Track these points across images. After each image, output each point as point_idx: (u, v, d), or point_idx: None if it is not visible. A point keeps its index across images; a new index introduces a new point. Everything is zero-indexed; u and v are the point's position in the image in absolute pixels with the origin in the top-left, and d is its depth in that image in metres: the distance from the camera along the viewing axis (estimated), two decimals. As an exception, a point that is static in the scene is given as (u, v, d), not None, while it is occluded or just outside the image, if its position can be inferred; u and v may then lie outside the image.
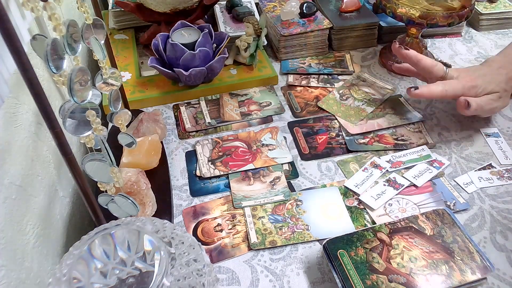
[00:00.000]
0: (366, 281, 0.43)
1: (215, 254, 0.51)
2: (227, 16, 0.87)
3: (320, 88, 0.75)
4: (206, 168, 0.61)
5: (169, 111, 0.72)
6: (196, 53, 0.68)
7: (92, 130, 0.41)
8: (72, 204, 0.57)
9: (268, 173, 0.60)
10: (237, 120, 0.69)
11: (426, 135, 0.65)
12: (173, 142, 0.66)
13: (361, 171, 0.59)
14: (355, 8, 0.84)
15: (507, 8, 0.87)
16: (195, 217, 0.55)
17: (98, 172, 0.44)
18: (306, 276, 0.48)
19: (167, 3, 0.76)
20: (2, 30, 0.28)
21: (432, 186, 0.57)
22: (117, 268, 0.34)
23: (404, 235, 0.48)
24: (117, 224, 0.37)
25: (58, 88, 0.58)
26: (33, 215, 0.45)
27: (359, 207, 0.55)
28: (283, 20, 0.81)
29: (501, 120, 0.67)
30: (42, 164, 0.50)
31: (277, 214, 0.55)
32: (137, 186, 0.52)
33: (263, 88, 0.75)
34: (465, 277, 0.44)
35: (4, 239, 0.39)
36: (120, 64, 0.77)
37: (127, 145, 0.51)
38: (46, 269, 0.46)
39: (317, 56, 0.82)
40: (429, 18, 0.68)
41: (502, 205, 0.55)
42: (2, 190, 0.40)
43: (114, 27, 0.87)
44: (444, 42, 0.85)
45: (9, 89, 0.43)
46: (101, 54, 0.45)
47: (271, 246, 0.51)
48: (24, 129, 0.46)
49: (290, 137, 0.66)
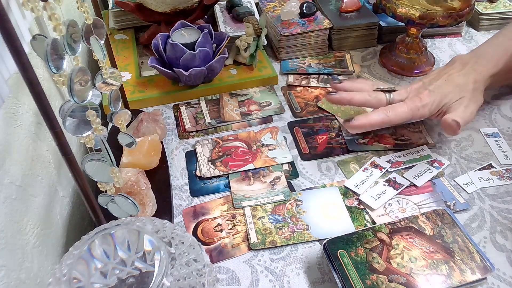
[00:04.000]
0: (366, 281, 0.43)
1: (215, 254, 0.51)
2: (227, 16, 0.87)
3: (320, 88, 0.75)
4: (206, 168, 0.61)
5: (169, 111, 0.72)
6: (196, 53, 0.68)
7: (92, 130, 0.41)
8: (72, 204, 0.57)
9: (268, 173, 0.60)
10: (237, 120, 0.69)
11: (426, 135, 0.65)
12: (173, 142, 0.66)
13: (361, 171, 0.59)
14: (355, 8, 0.84)
15: (507, 8, 0.87)
16: (195, 217, 0.55)
17: (98, 172, 0.44)
18: (306, 276, 0.48)
19: (167, 3, 0.76)
20: (2, 30, 0.28)
21: (432, 186, 0.57)
22: (117, 268, 0.34)
23: (404, 235, 0.48)
24: (117, 224, 0.37)
25: (58, 88, 0.58)
26: (33, 215, 0.45)
27: (359, 207, 0.55)
28: (283, 20, 0.81)
29: (501, 120, 0.67)
30: (42, 164, 0.50)
31: (277, 214, 0.55)
32: (137, 186, 0.52)
33: (263, 88, 0.75)
34: (465, 277, 0.44)
35: (4, 239, 0.39)
36: (120, 64, 0.77)
37: (127, 145, 0.51)
38: (46, 269, 0.46)
39: (317, 56, 0.82)
40: (429, 18, 0.68)
41: (502, 205, 0.55)
42: (2, 190, 0.40)
43: (114, 27, 0.87)
44: (444, 42, 0.86)
45: (9, 89, 0.43)
46: (101, 54, 0.45)
47: (271, 246, 0.51)
48: (24, 129, 0.46)
49: (290, 137, 0.66)
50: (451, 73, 0.61)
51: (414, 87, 0.61)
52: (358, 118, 0.57)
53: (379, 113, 0.57)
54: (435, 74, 0.62)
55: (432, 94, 0.59)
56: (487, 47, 0.65)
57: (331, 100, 0.60)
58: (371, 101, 0.59)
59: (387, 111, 0.58)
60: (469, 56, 0.64)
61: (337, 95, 0.60)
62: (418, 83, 0.61)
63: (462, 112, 0.57)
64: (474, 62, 0.62)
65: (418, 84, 0.61)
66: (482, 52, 0.64)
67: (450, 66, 0.63)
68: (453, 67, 0.62)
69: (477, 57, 0.63)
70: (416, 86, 0.61)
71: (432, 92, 0.59)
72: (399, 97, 0.60)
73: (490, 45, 0.65)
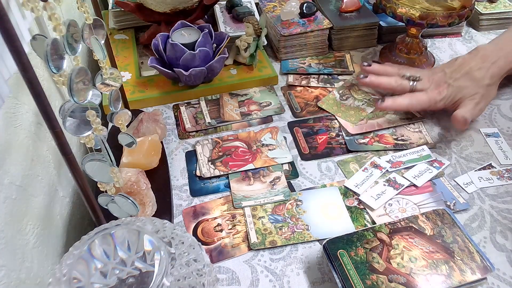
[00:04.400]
0: (366, 281, 0.43)
1: (215, 254, 0.51)
2: (227, 16, 0.87)
3: (320, 88, 0.75)
4: (206, 168, 0.61)
5: (169, 111, 0.72)
6: (196, 53, 0.68)
7: (92, 130, 0.41)
8: (72, 204, 0.57)
9: (268, 173, 0.60)
10: (237, 120, 0.69)
11: (426, 135, 0.65)
12: (173, 142, 0.66)
13: (361, 171, 0.59)
14: (355, 8, 0.84)
15: (507, 8, 0.87)
16: (195, 217, 0.55)
17: (98, 172, 0.44)
18: (306, 276, 0.48)
19: (167, 3, 0.76)
20: (2, 30, 0.28)
21: (432, 186, 0.57)
22: (117, 268, 0.34)
23: (404, 235, 0.48)
24: (117, 224, 0.37)
25: (58, 88, 0.58)
26: (33, 215, 0.45)
27: (359, 207, 0.55)
28: (283, 20, 0.81)
29: (501, 120, 0.67)
30: (42, 164, 0.50)
31: (277, 214, 0.55)
32: (137, 186, 0.52)
33: (263, 88, 0.75)
34: (465, 277, 0.44)
35: (4, 239, 0.39)
36: (120, 64, 0.77)
37: (127, 145, 0.51)
38: (46, 269, 0.46)
39: (317, 56, 0.82)
40: (429, 18, 0.68)
41: (502, 205, 0.55)
42: (2, 190, 0.40)
43: (114, 27, 0.87)
44: (444, 42, 0.86)
45: (9, 89, 0.43)
46: (101, 54, 0.45)
47: (271, 246, 0.51)
48: (24, 129, 0.46)
49: (290, 137, 0.66)
50: (471, 66, 0.64)
51: (436, 78, 0.65)
52: (387, 100, 0.64)
53: (405, 98, 0.64)
54: (457, 66, 0.65)
55: (450, 88, 0.64)
56: (508, 39, 0.67)
57: (362, 83, 0.68)
58: (397, 88, 0.66)
59: (411, 98, 0.64)
60: (491, 48, 0.66)
61: (367, 79, 0.67)
62: (440, 74, 0.66)
63: (472, 108, 0.63)
64: (495, 56, 0.64)
65: (439, 75, 0.66)
66: (504, 45, 0.66)
67: (472, 58, 0.65)
68: (474, 59, 0.65)
69: (498, 50, 0.65)
70: (437, 78, 0.65)
71: (450, 86, 0.64)
72: (421, 86, 0.65)
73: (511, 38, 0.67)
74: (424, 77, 0.66)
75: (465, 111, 0.62)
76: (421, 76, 0.66)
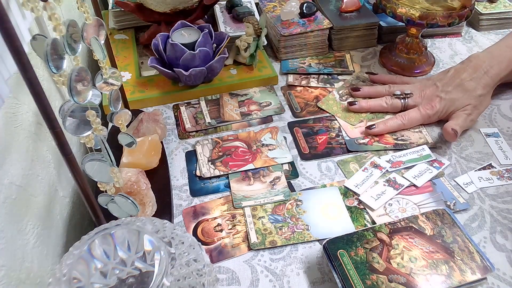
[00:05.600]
0: (366, 281, 0.43)
1: (215, 254, 0.51)
2: (227, 16, 0.87)
3: (320, 88, 0.75)
4: (206, 168, 0.61)
5: (169, 111, 0.72)
6: (196, 53, 0.68)
7: (92, 130, 0.41)
8: (72, 204, 0.57)
9: (268, 173, 0.60)
10: (237, 120, 0.69)
11: (426, 135, 0.65)
12: (173, 142, 0.66)
13: (361, 171, 0.59)
14: (355, 8, 0.84)
15: (507, 8, 0.87)
16: (195, 217, 0.55)
17: (98, 172, 0.44)
18: (306, 276, 0.48)
19: (167, 3, 0.76)
20: (2, 30, 0.28)
21: (432, 186, 0.57)
22: (117, 268, 0.34)
23: (404, 235, 0.48)
24: (117, 224, 0.37)
25: (58, 88, 0.58)
26: (33, 215, 0.45)
27: (359, 207, 0.55)
28: (283, 20, 0.81)
29: (501, 120, 0.67)
30: (42, 164, 0.50)
31: (277, 214, 0.55)
32: (137, 186, 0.52)
33: (263, 88, 0.75)
34: (465, 277, 0.44)
35: (4, 239, 0.39)
36: (120, 64, 0.77)
37: (127, 145, 0.51)
38: (46, 269, 0.46)
39: (317, 56, 0.82)
40: (429, 18, 0.68)
41: (502, 205, 0.55)
42: (2, 190, 0.40)
43: (114, 27, 0.87)
44: (444, 42, 0.86)
45: (9, 89, 0.43)
46: (101, 54, 0.45)
47: (271, 246, 0.51)
48: (24, 129, 0.46)
49: (290, 137, 0.66)
50: (463, 77, 0.64)
51: (427, 93, 0.66)
52: (378, 125, 0.64)
53: (396, 120, 0.65)
54: (448, 78, 0.65)
55: (442, 101, 0.64)
56: (501, 48, 0.66)
57: (352, 110, 0.69)
58: (388, 108, 0.67)
59: (403, 118, 0.65)
60: (484, 57, 0.65)
61: (357, 106, 0.68)
62: (431, 88, 0.66)
63: (463, 121, 0.63)
64: (488, 65, 0.64)
65: (431, 90, 0.66)
66: (497, 53, 0.66)
67: (464, 69, 0.65)
68: (466, 69, 0.65)
69: (491, 58, 0.65)
70: (429, 93, 0.66)
71: (443, 100, 0.64)
72: (413, 102, 0.66)
73: (505, 45, 0.66)
74: (415, 92, 0.66)
75: (455, 123, 0.62)
76: (412, 91, 0.67)
